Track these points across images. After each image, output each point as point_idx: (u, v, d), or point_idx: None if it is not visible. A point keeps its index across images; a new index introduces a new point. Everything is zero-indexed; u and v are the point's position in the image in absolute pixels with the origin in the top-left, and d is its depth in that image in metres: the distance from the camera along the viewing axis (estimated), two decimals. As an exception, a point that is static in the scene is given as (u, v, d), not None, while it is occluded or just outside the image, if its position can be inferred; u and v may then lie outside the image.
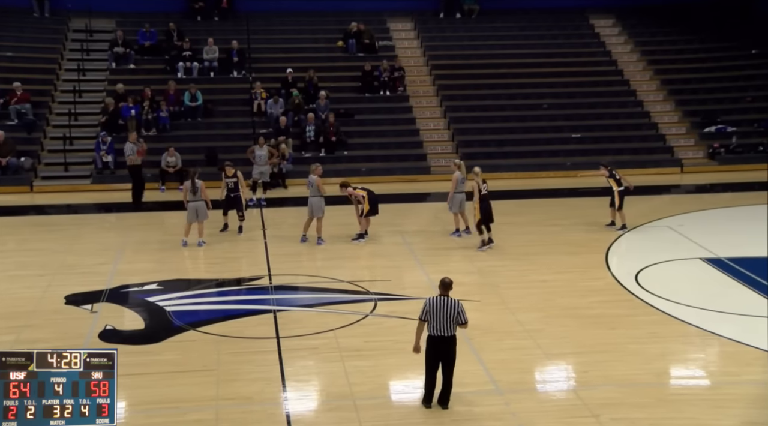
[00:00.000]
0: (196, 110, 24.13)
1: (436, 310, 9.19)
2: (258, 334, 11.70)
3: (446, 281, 9.40)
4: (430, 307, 9.22)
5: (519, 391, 10.00)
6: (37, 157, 22.48)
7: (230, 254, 15.84)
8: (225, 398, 9.72)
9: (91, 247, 16.16)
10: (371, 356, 10.92)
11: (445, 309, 9.18)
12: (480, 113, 25.68)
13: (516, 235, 17.01)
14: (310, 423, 9.38)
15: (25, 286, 13.81)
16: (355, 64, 26.42)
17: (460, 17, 29.60)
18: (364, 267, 14.85)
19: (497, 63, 27.33)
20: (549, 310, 12.62)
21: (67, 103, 24.25)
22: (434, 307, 9.21)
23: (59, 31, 27.07)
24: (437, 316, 9.18)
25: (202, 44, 26.13)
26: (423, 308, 9.29)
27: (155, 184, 21.77)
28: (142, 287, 13.58)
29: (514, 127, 25.26)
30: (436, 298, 9.28)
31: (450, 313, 9.17)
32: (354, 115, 25.00)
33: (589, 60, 27.76)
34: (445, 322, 9.18)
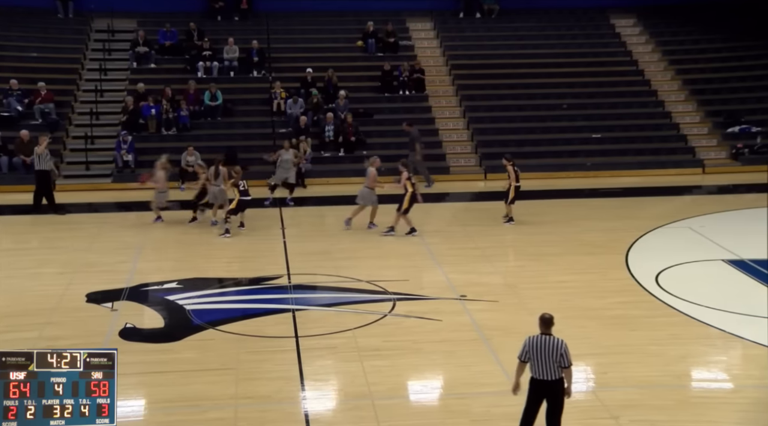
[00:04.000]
0: (216, 110, 24.22)
1: (537, 350, 8.20)
2: (277, 333, 11.72)
3: (546, 318, 8.35)
4: (530, 347, 8.24)
5: (538, 392, 9.93)
6: (59, 156, 22.64)
7: (249, 253, 15.88)
8: (244, 397, 9.75)
9: (111, 245, 16.26)
10: (390, 356, 10.91)
11: (547, 350, 8.17)
12: (499, 113, 25.60)
13: (535, 235, 16.95)
14: (329, 422, 9.38)
15: (47, 283, 13.92)
16: (375, 64, 26.43)
17: (479, 17, 29.52)
18: (382, 266, 14.83)
19: (517, 63, 27.23)
20: (568, 311, 12.53)
21: (89, 102, 24.44)
22: (534, 347, 8.22)
23: (82, 31, 27.28)
24: (538, 357, 8.20)
25: (222, 44, 26.23)
26: (522, 348, 8.32)
27: (175, 183, 21.85)
28: (161, 286, 13.64)
29: (534, 127, 25.16)
30: (537, 337, 8.28)
31: (552, 354, 8.15)
32: (373, 115, 25.00)
33: (610, 60, 27.59)
34: (546, 364, 8.20)
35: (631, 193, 21.06)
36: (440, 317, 12.23)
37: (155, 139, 23.45)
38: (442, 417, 9.41)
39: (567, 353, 8.24)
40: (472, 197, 21.66)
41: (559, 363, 8.21)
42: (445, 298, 13.14)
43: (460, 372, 10.50)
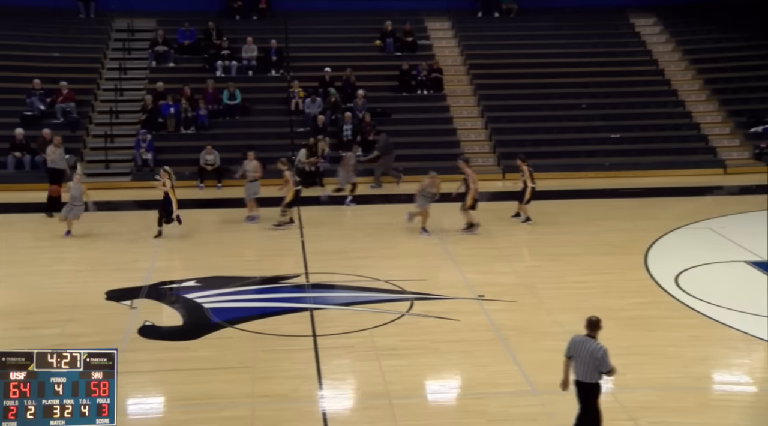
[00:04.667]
0: (235, 109, 24.30)
1: (577, 350, 8.24)
2: (294, 331, 11.75)
3: (592, 320, 8.29)
4: (572, 346, 8.31)
5: (555, 393, 9.84)
6: (80, 155, 22.81)
7: (268, 252, 15.92)
8: (261, 395, 9.77)
9: (130, 243, 16.34)
10: (407, 355, 10.91)
11: (585, 352, 8.17)
12: (517, 113, 25.51)
13: (553, 235, 16.88)
14: (346, 421, 9.38)
15: (67, 281, 14.02)
16: (393, 64, 26.42)
17: (498, 16, 29.44)
18: (400, 266, 14.82)
19: (535, 62, 27.13)
20: (586, 311, 12.26)
21: (109, 101, 24.60)
22: (575, 346, 8.27)
23: (103, 31, 27.47)
24: (577, 357, 8.24)
25: (241, 43, 26.31)
26: (567, 345, 8.42)
27: (194, 182, 21.98)
28: (180, 284, 13.70)
29: (552, 127, 25.06)
30: (580, 337, 8.32)
31: (589, 357, 8.13)
32: (391, 115, 24.98)
33: (629, 59, 27.40)
34: (583, 365, 8.19)
35: (651, 194, 20.92)
36: (458, 317, 12.21)
37: (174, 137, 23.56)
38: (459, 417, 9.39)
39: (604, 360, 8.13)
40: (490, 197, 21.54)
41: (598, 367, 8.14)
42: (463, 298, 13.12)
43: (478, 372, 10.48)
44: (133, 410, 9.61)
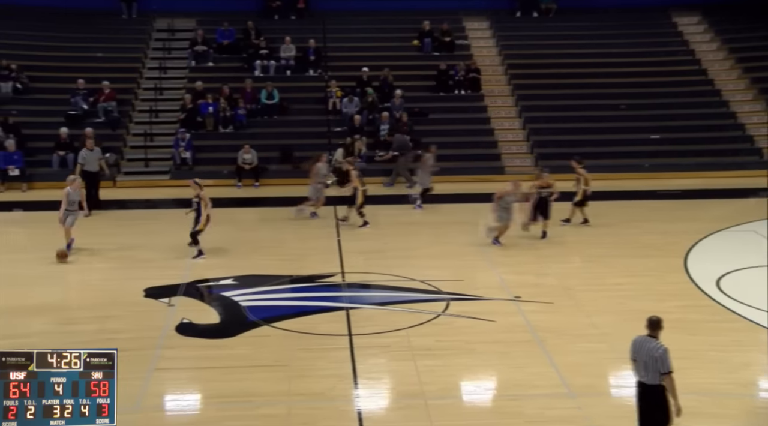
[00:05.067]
0: (272, 108, 24.44)
1: (638, 351, 8.12)
2: (330, 330, 11.76)
3: (652, 319, 8.16)
4: (634, 347, 8.16)
5: (592, 395, 9.80)
6: (120, 153, 23.11)
7: (304, 251, 15.97)
8: (297, 394, 9.79)
9: (168, 241, 16.49)
10: (442, 356, 10.86)
11: (645, 351, 8.03)
12: (555, 113, 25.31)
13: (591, 236, 16.72)
14: (381, 421, 9.37)
15: (107, 277, 14.20)
16: (430, 64, 26.36)
17: (536, 16, 29.24)
18: (436, 266, 14.78)
19: (574, 63, 26.90)
20: (624, 314, 12.33)
21: (149, 100, 24.91)
22: (637, 347, 8.15)
23: (144, 31, 27.81)
24: (639, 358, 8.11)
25: (279, 43, 26.45)
26: (630, 347, 8.25)
27: (232, 181, 22.15)
28: (217, 282, 13.79)
29: (590, 127, 24.80)
30: (641, 337, 8.18)
31: (649, 356, 7.97)
32: (428, 115, 24.94)
33: (670, 59, 27.04)
34: (644, 366, 8.04)
35: (692, 195, 20.61)
36: (494, 318, 12.14)
37: (212, 136, 23.76)
38: (495, 418, 9.32)
39: (663, 360, 7.93)
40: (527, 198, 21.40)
41: (657, 368, 7.95)
42: (499, 299, 13.04)
43: (514, 373, 10.40)
44: (170, 406, 9.70)
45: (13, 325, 11.84)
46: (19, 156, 21.64)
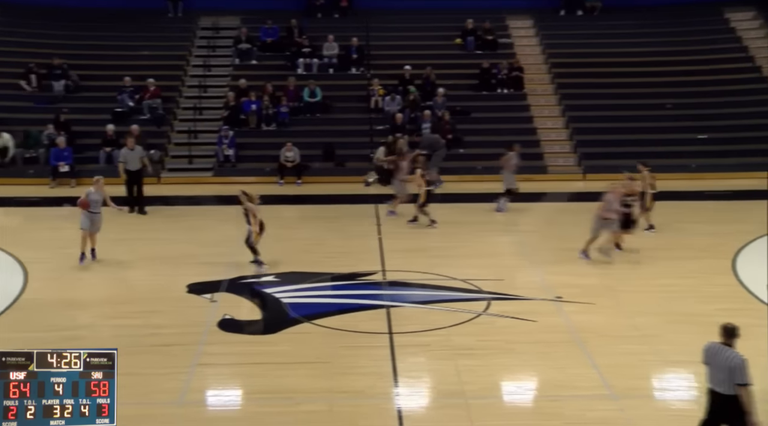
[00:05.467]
0: (315, 106, 24.56)
1: (713, 358, 7.91)
2: (371, 328, 11.80)
3: (727, 327, 7.95)
4: (707, 353, 7.98)
5: (634, 397, 9.70)
6: (164, 150, 23.42)
7: (345, 249, 16.03)
8: (337, 391, 9.85)
9: (211, 237, 16.69)
10: (483, 355, 10.84)
11: (719, 359, 7.82)
12: (599, 113, 25.04)
13: (635, 237, 16.48)
14: (421, 419, 9.38)
15: (152, 273, 14.41)
16: (473, 62, 26.27)
17: (581, 14, 28.96)
18: (477, 265, 14.73)
19: (619, 62, 26.51)
20: (668, 316, 12.19)
21: (193, 97, 25.19)
22: (709, 353, 7.96)
23: (189, 29, 28.13)
24: (714, 364, 7.89)
25: (322, 41, 26.57)
26: (702, 353, 8.08)
27: (274, 178, 22.32)
28: (259, 279, 13.92)
29: (635, 127, 24.46)
30: (714, 344, 7.99)
31: (723, 366, 7.74)
32: (470, 113, 24.85)
33: (721, 57, 26.48)
34: (717, 374, 7.83)
35: (741, 197, 20.22)
36: (535, 318, 12.08)
37: (255, 134, 23.96)
38: (535, 419, 9.29)
39: (741, 370, 7.67)
40: (570, 197, 21.27)
41: (733, 378, 7.71)
42: (540, 299, 12.96)
43: (554, 374, 10.34)
44: (212, 402, 9.82)
45: (61, 318, 12.09)
46: (68, 152, 22.06)
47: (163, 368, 10.31)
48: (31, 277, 13.92)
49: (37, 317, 12.06)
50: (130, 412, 9.16)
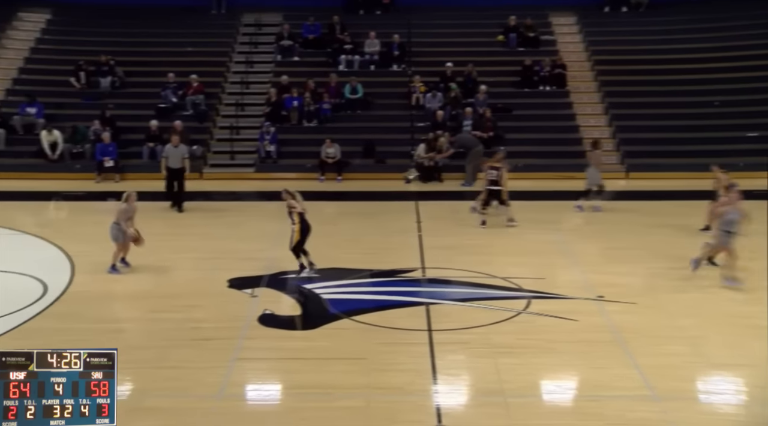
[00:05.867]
0: (356, 103, 24.59)
1: None
2: (410, 325, 11.77)
3: None
4: None
5: (678, 400, 9.52)
6: (207, 146, 23.65)
7: (385, 245, 16.03)
8: (375, 387, 9.83)
9: (252, 233, 16.81)
10: (523, 354, 10.75)
11: None
12: (644, 110, 24.72)
13: (680, 237, 16.26)
14: (460, 417, 9.33)
15: (193, 267, 14.56)
16: (515, 59, 26.09)
17: (626, 11, 28.59)
18: (518, 263, 14.62)
19: (665, 58, 26.13)
20: (713, 317, 11.96)
21: (235, 94, 25.40)
22: None
23: (232, 25, 28.40)
24: None
25: (364, 37, 26.60)
26: None
27: (315, 174, 22.41)
28: (299, 274, 13.96)
29: (681, 125, 24.09)
30: None
31: None
32: (512, 111, 24.69)
33: (770, 52, 25.97)
34: None
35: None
36: (576, 317, 11.94)
37: (297, 130, 24.08)
38: (575, 419, 9.17)
39: None
40: (613, 196, 21.00)
41: None
42: (582, 298, 12.82)
43: (595, 374, 10.21)
44: (251, 396, 9.88)
45: (106, 311, 12.27)
46: (113, 148, 22.40)
47: (203, 362, 10.40)
48: (77, 271, 14.15)
49: (82, 310, 12.25)
50: (171, 405, 9.27)
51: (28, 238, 16.44)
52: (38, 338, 11.01)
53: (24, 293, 12.81)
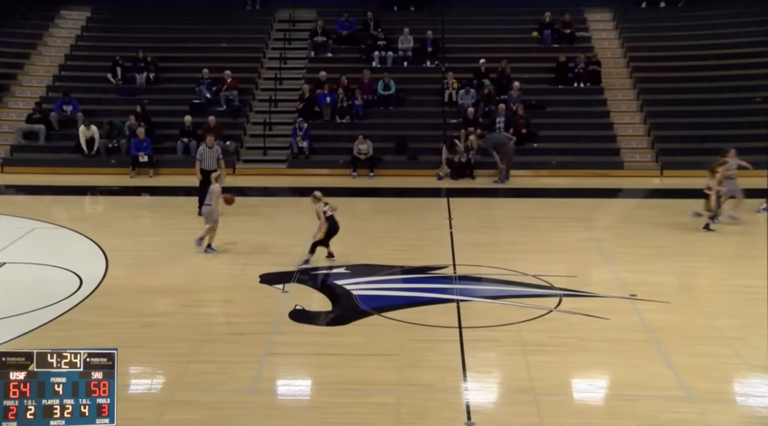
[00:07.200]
0: (389, 99, 24.58)
1: None
2: (440, 322, 11.75)
3: None
4: None
5: (715, 401, 9.39)
6: (240, 141, 23.79)
7: (416, 242, 16.01)
8: (406, 384, 9.83)
9: (284, 228, 16.88)
10: (554, 352, 10.67)
11: None
12: (680, 108, 24.39)
13: (717, 236, 16.03)
14: (490, 414, 9.29)
15: (227, 263, 14.64)
16: (550, 55, 25.89)
17: (664, 6, 28.24)
18: (549, 261, 14.52)
19: (704, 54, 25.79)
20: (751, 318, 11.75)
21: (269, 90, 25.52)
22: None
23: (266, 21, 28.55)
24: None
25: (398, 34, 26.57)
26: None
27: (347, 171, 22.44)
28: (330, 270, 14.00)
29: (719, 122, 23.75)
30: None
31: None
32: (546, 107, 24.52)
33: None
34: None
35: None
36: (608, 316, 11.83)
37: (329, 126, 24.13)
38: (608, 418, 9.09)
39: None
40: (647, 194, 20.80)
41: None
42: (614, 297, 12.70)
43: (628, 373, 10.11)
44: (283, 391, 9.92)
45: (140, 305, 12.39)
46: (147, 143, 22.62)
47: (236, 356, 10.47)
48: (112, 264, 14.32)
49: (117, 303, 12.39)
50: (203, 399, 9.35)
51: (65, 232, 16.68)
52: (75, 330, 11.17)
53: (60, 286, 13.00)
